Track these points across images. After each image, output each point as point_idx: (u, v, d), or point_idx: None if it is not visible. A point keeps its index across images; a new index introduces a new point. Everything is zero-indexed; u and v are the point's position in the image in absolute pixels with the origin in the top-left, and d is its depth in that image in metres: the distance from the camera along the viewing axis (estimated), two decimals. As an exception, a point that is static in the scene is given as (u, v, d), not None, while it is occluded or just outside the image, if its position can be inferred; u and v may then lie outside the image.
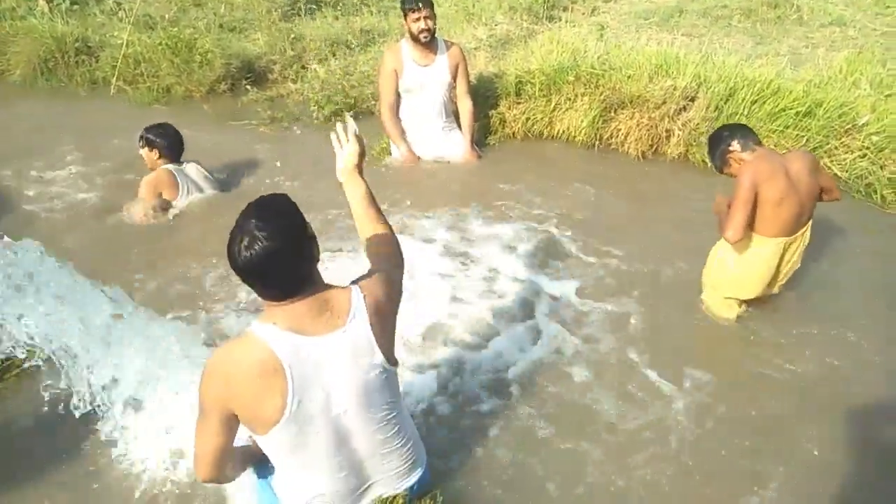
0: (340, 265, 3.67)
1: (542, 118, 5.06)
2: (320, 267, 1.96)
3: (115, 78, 6.34)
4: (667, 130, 4.70)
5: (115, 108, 6.18)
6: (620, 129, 4.80)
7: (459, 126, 4.98)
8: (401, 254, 2.18)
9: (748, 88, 4.54)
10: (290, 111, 5.82)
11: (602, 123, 4.86)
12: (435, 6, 4.68)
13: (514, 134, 5.17)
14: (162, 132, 4.32)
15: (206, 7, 7.73)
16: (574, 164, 4.85)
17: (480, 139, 5.10)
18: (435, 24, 4.65)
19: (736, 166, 3.02)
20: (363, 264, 2.13)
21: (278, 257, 1.79)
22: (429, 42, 4.64)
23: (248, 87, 6.18)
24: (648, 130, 4.72)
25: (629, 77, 4.83)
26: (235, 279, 2.03)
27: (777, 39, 6.91)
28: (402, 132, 4.86)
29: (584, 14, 8.13)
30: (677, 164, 4.74)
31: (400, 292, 2.11)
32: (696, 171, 4.64)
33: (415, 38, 4.62)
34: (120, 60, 6.32)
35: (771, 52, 6.31)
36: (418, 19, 4.54)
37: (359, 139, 2.25)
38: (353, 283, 2.03)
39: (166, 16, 7.09)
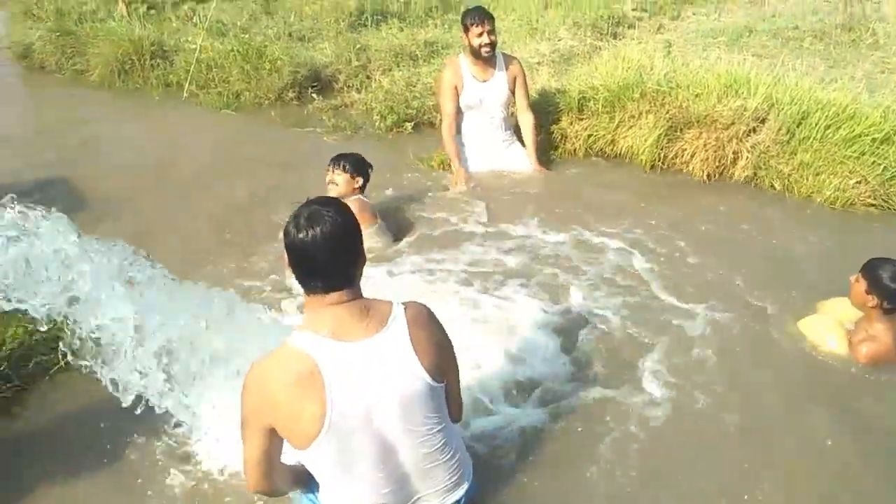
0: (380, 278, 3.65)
1: (604, 135, 4.94)
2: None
3: (188, 82, 6.49)
4: (734, 152, 4.52)
5: (187, 112, 6.32)
6: (686, 150, 4.65)
7: (520, 140, 4.92)
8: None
9: (822, 112, 4.33)
10: (352, 120, 5.84)
11: (667, 143, 4.71)
12: (497, 21, 4.64)
13: (575, 150, 5.06)
14: (364, 165, 4.03)
15: (277, 16, 7.86)
16: (637, 182, 4.70)
17: (541, 154, 5.01)
18: (496, 38, 4.60)
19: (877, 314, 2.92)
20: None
21: (335, 243, 1.80)
22: (488, 57, 4.60)
23: (315, 95, 6.24)
24: (715, 151, 4.55)
25: (697, 96, 4.68)
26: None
27: (851, 63, 6.62)
28: (459, 152, 4.78)
29: (649, 31, 7.96)
30: (744, 187, 4.54)
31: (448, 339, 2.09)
32: (764, 195, 4.45)
33: (475, 53, 4.57)
34: (193, 65, 6.47)
35: (845, 76, 6.04)
36: (481, 34, 4.50)
37: None
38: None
39: (238, 23, 7.23)
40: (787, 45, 7.24)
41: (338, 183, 3.94)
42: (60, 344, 2.27)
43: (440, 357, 2.01)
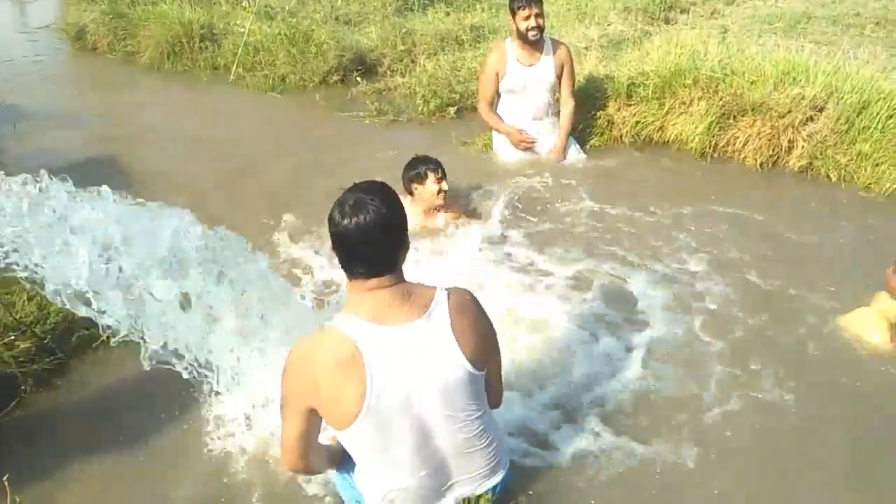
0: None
1: (653, 122, 4.80)
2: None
3: (235, 65, 6.53)
4: (789, 141, 4.34)
5: (233, 94, 6.36)
6: (738, 137, 4.48)
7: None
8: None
9: (884, 102, 4.13)
10: (396, 104, 5.80)
11: (718, 130, 4.55)
12: (545, 5, 4.53)
13: (621, 137, 4.93)
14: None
15: (327, 2, 7.84)
16: (687, 171, 4.56)
17: (584, 140, 4.90)
18: (544, 22, 4.50)
19: None
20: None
21: (380, 229, 1.78)
22: (535, 41, 4.50)
23: (359, 78, 6.21)
24: (769, 140, 4.38)
25: (752, 83, 4.50)
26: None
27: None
28: (499, 120, 4.72)
29: (702, 16, 7.72)
30: (799, 177, 4.37)
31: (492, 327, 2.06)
32: (821, 185, 4.27)
33: (522, 37, 4.48)
34: (241, 48, 6.50)
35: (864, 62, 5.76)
36: (528, 17, 4.39)
37: None
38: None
39: (286, 7, 7.24)
40: (847, 32, 6.93)
41: (446, 190, 3.81)
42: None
43: (482, 345, 1.97)
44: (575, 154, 4.73)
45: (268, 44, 6.52)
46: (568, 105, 4.68)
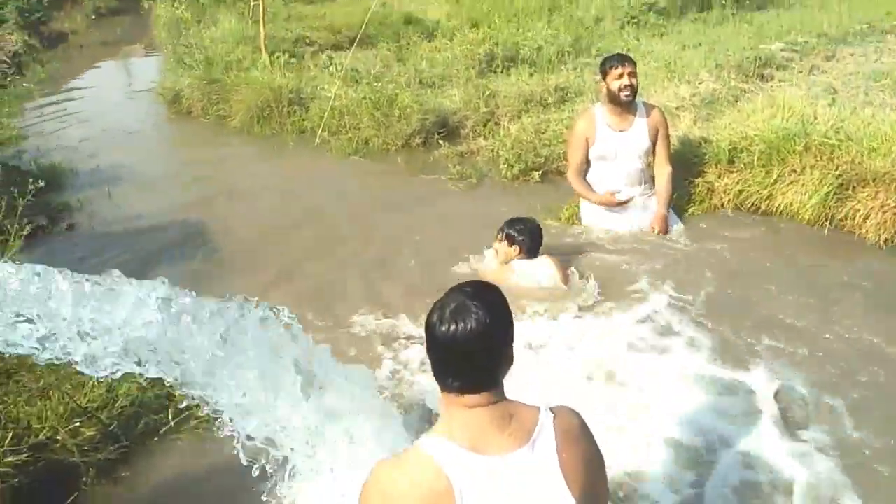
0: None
1: (759, 190, 4.37)
2: None
3: (321, 128, 6.50)
4: (919, 215, 3.84)
5: (318, 157, 6.32)
6: (859, 210, 4.00)
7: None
8: None
9: None
10: (478, 167, 5.58)
11: (835, 202, 4.08)
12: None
13: (722, 205, 4.52)
14: (525, 230, 3.79)
15: (408, 63, 7.81)
16: (798, 245, 4.10)
17: (681, 209, 4.51)
18: (637, 82, 4.20)
19: None
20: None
21: (484, 337, 1.55)
22: (627, 104, 4.20)
23: (441, 141, 6.05)
24: (895, 214, 3.88)
25: (872, 150, 4.04)
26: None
27: None
28: (590, 187, 4.42)
29: (801, 73, 7.21)
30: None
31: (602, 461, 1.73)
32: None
33: (613, 99, 4.18)
34: (327, 112, 6.47)
35: None
36: (621, 76, 4.10)
37: None
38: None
39: (371, 71, 7.23)
40: (966, 89, 6.30)
41: (498, 251, 3.82)
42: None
43: (591, 478, 1.64)
44: (673, 225, 4.34)
45: (353, 108, 6.48)
46: (665, 172, 4.32)
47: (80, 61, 12.34)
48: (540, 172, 5.26)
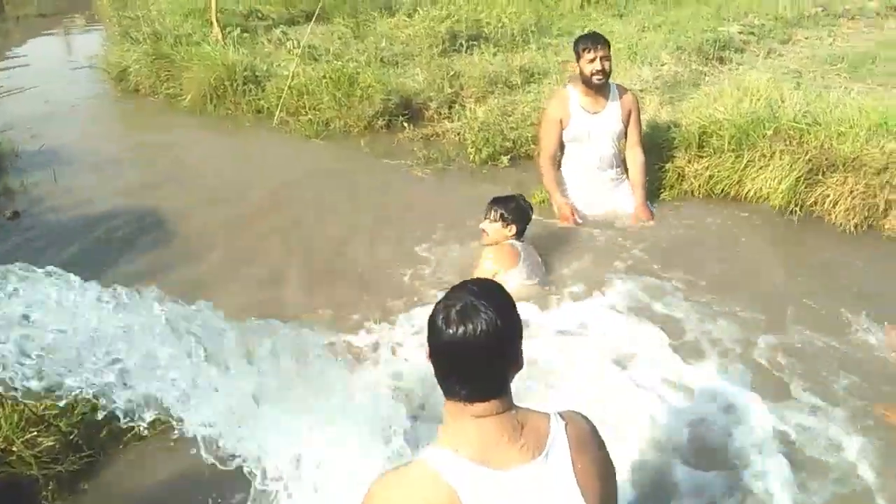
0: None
1: (729, 176, 4.35)
2: None
3: (278, 109, 6.23)
4: (887, 202, 3.86)
5: (276, 139, 6.05)
6: (828, 196, 4.01)
7: (629, 178, 4.39)
8: None
9: None
10: (445, 151, 5.42)
11: (805, 187, 4.08)
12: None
13: (692, 191, 4.47)
14: (520, 210, 3.61)
15: (368, 41, 7.56)
16: (769, 231, 4.09)
17: (652, 194, 4.45)
18: (611, 66, 4.11)
19: None
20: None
21: (489, 345, 1.41)
22: (600, 87, 4.11)
23: (405, 123, 5.87)
24: (864, 200, 3.90)
25: (840, 135, 4.04)
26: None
27: None
28: (561, 186, 4.33)
29: (758, 56, 7.26)
30: (896, 243, 3.89)
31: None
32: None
33: (586, 82, 4.09)
34: (285, 92, 6.20)
35: None
36: (594, 59, 4.00)
37: None
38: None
39: (330, 49, 6.96)
40: (919, 73, 6.43)
41: (488, 232, 3.58)
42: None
43: (604, 485, 1.54)
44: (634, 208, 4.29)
45: (312, 87, 6.22)
46: (638, 157, 4.25)
47: (16, 34, 11.64)
48: (508, 157, 5.13)
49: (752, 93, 4.57)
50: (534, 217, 3.72)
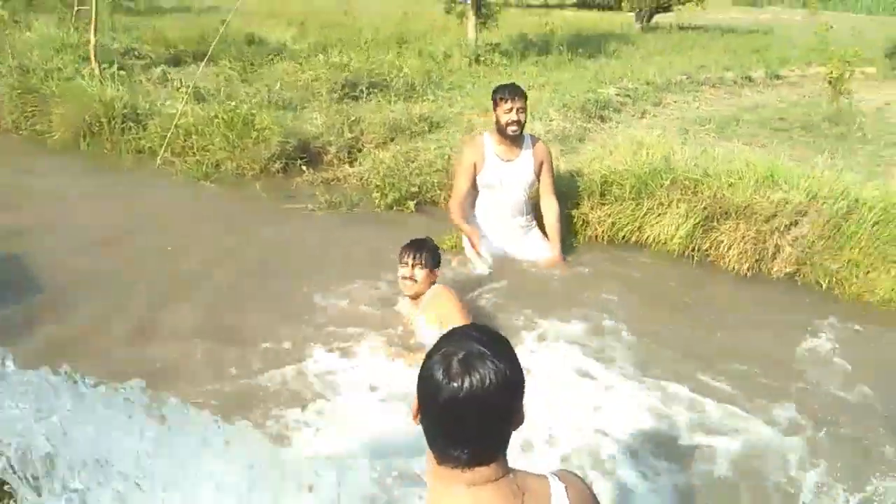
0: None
1: (630, 223, 4.49)
2: None
3: (163, 149, 5.81)
4: (776, 246, 4.12)
5: (161, 182, 5.61)
6: (722, 241, 4.22)
7: (539, 226, 4.42)
8: None
9: (867, 209, 3.99)
10: (347, 196, 5.25)
11: (701, 233, 4.29)
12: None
13: (597, 237, 4.58)
14: (438, 253, 3.48)
15: (255, 84, 7.30)
16: (667, 274, 4.23)
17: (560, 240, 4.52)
18: (526, 117, 4.16)
19: None
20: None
21: (504, 391, 1.23)
22: (515, 137, 4.15)
23: (303, 167, 5.65)
24: (755, 245, 4.14)
25: (730, 185, 4.30)
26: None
27: (843, 156, 6.47)
28: (471, 224, 4.30)
29: (634, 116, 7.75)
30: (785, 284, 4.12)
31: None
32: (809, 293, 4.03)
33: (501, 131, 4.10)
34: (172, 131, 5.80)
35: (846, 169, 5.84)
36: (510, 110, 4.04)
37: None
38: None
39: (222, 90, 6.64)
40: (776, 134, 7.08)
41: (417, 279, 3.32)
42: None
43: None
44: (551, 256, 4.31)
45: (201, 127, 5.87)
46: (552, 204, 4.30)
47: None
48: (415, 202, 5.04)
49: (646, 146, 4.78)
50: (447, 264, 3.60)
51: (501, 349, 1.26)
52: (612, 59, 10.32)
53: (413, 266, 3.33)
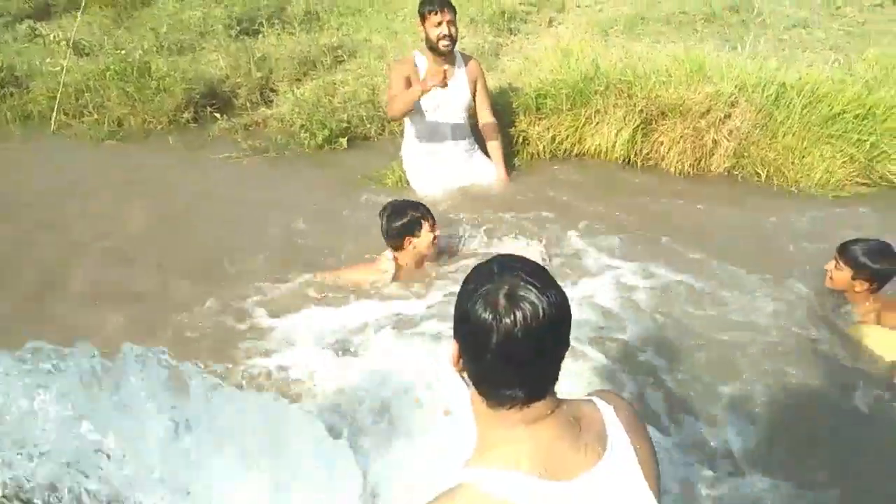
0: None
1: (569, 135, 4.43)
2: None
3: (55, 111, 5.21)
4: (714, 141, 4.18)
5: (59, 146, 5.05)
6: (662, 143, 4.25)
7: (481, 148, 4.29)
8: None
9: (795, 92, 4.09)
10: (272, 139, 4.92)
11: (641, 137, 4.29)
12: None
13: (538, 153, 4.50)
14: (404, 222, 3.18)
15: (143, 29, 6.61)
16: (613, 182, 4.22)
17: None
18: (457, 32, 3.92)
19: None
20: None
21: (557, 319, 1.15)
22: (446, 54, 3.93)
23: (216, 114, 5.23)
24: (693, 142, 4.19)
25: (662, 83, 4.29)
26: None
27: (748, 43, 6.63)
28: (415, 160, 4.13)
29: (541, 25, 7.62)
30: (725, 179, 4.21)
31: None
32: (747, 186, 4.15)
33: (433, 48, 3.85)
34: (60, 90, 5.20)
35: (751, 55, 5.98)
36: (440, 23, 3.77)
37: None
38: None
39: (105, 40, 5.98)
40: (681, 28, 7.15)
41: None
42: None
43: (657, 465, 1.37)
44: (498, 178, 4.21)
45: (93, 83, 5.28)
46: (491, 123, 4.14)
47: None
48: (346, 139, 4.77)
49: (573, 53, 4.68)
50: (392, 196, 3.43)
51: (547, 279, 1.17)
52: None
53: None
